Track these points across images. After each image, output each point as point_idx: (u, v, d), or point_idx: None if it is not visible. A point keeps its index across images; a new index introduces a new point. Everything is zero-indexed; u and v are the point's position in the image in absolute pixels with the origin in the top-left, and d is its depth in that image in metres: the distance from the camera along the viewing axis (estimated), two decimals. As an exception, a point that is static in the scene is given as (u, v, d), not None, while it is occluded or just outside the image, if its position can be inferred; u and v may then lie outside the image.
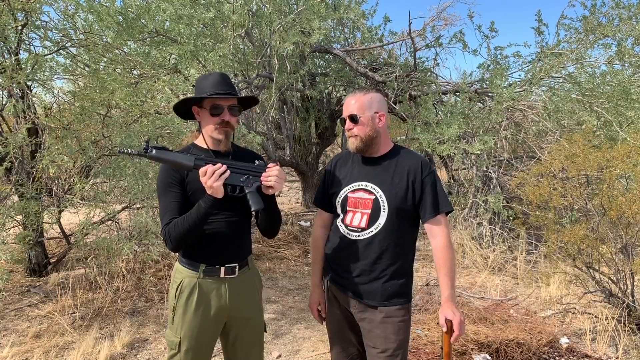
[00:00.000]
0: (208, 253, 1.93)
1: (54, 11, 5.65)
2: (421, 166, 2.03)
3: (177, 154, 1.77)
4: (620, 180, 4.25)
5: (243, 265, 2.02)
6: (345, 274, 2.06)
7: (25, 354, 3.30)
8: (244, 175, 1.84)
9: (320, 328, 3.85)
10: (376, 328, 2.01)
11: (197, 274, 1.94)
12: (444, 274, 1.98)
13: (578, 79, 5.82)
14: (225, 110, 1.91)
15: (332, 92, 8.01)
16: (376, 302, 2.01)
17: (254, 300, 2.08)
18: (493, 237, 5.60)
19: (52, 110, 4.41)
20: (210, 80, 1.93)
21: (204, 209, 1.78)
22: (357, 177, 2.08)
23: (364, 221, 2.01)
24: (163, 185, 1.89)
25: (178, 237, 1.81)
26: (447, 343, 1.92)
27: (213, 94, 1.90)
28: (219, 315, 1.98)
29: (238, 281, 2.00)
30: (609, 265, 3.76)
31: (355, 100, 2.02)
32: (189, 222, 1.80)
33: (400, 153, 2.09)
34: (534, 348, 3.38)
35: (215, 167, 1.74)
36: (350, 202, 2.06)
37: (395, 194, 1.99)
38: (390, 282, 2.00)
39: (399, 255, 2.02)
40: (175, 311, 1.97)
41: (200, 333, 1.95)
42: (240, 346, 2.07)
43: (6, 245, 3.96)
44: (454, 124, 5.35)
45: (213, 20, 4.62)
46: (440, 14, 7.19)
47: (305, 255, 5.84)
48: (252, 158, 2.07)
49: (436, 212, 2.00)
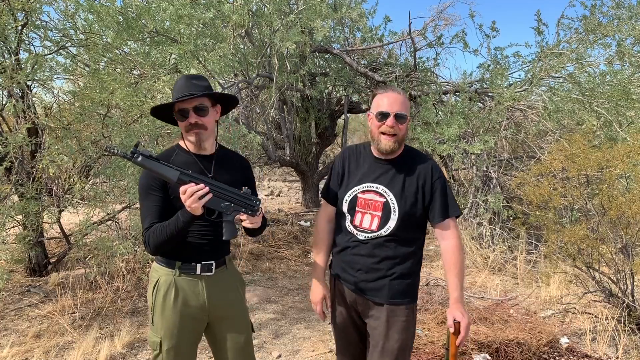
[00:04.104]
0: (184, 250, 1.92)
1: (54, 11, 5.65)
2: (432, 170, 2.03)
3: (162, 166, 1.72)
4: (620, 180, 4.25)
5: (220, 264, 2.01)
6: (353, 271, 2.05)
7: (25, 354, 3.30)
8: (227, 202, 1.78)
9: (320, 328, 3.85)
10: (380, 326, 2.01)
11: (174, 272, 1.93)
12: (453, 275, 1.99)
13: (578, 79, 5.81)
14: (191, 112, 1.87)
15: (332, 92, 8.01)
16: (383, 299, 2.01)
17: (234, 299, 2.06)
18: (493, 237, 5.59)
19: (52, 110, 4.41)
20: (177, 85, 1.92)
21: (182, 222, 1.77)
22: (368, 177, 2.05)
23: (375, 224, 2.00)
24: (144, 189, 1.88)
25: (157, 243, 1.82)
26: (454, 344, 1.92)
27: (176, 98, 1.87)
28: (198, 313, 1.96)
29: (215, 279, 1.99)
30: (609, 265, 3.76)
31: (403, 100, 1.96)
32: (167, 233, 1.79)
33: (411, 156, 2.07)
34: (534, 348, 3.38)
35: (196, 187, 1.69)
36: (360, 202, 2.04)
37: (406, 199, 1.98)
38: (398, 281, 2.00)
39: (407, 256, 2.02)
40: (154, 310, 1.96)
41: (180, 332, 1.94)
42: (226, 347, 2.05)
43: (6, 245, 3.96)
44: (454, 124, 5.35)
45: (213, 20, 4.62)
46: (440, 13, 7.20)
47: (305, 255, 5.84)
48: (237, 162, 2.06)
49: (445, 216, 2.00)
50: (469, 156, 6.13)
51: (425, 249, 6.14)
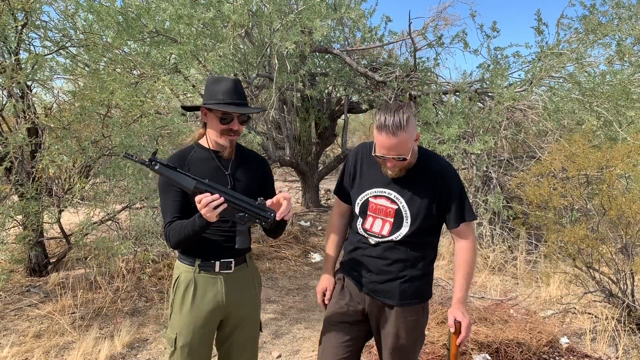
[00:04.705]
0: (204, 247, 1.95)
1: (54, 11, 5.65)
2: (447, 174, 1.96)
3: (179, 174, 1.74)
4: (620, 180, 4.25)
5: (240, 261, 2.02)
6: (363, 272, 2.03)
7: (25, 354, 3.30)
8: (241, 212, 1.78)
9: (320, 328, 3.85)
10: (389, 326, 2.01)
11: (194, 269, 1.96)
12: (461, 275, 1.98)
13: (578, 79, 5.81)
14: (235, 119, 1.91)
15: (332, 92, 8.01)
16: (394, 301, 1.99)
17: (251, 298, 2.07)
18: (493, 237, 5.59)
19: (52, 110, 4.41)
20: (223, 86, 1.90)
21: (198, 226, 1.79)
22: (381, 182, 1.99)
23: (386, 229, 1.97)
24: (164, 185, 1.91)
25: (176, 241, 1.86)
26: (455, 344, 1.93)
27: (227, 103, 1.87)
28: (215, 311, 1.98)
29: (234, 277, 2.00)
30: (609, 265, 3.76)
31: (398, 141, 1.78)
32: (184, 233, 1.82)
33: (425, 159, 1.99)
34: (534, 348, 3.38)
35: (211, 198, 1.69)
36: (371, 207, 2.00)
37: (419, 207, 1.94)
38: (408, 284, 1.99)
39: (419, 259, 2.00)
40: (173, 307, 1.99)
41: (196, 329, 1.95)
42: (231, 342, 2.07)
43: (6, 245, 3.96)
44: (454, 124, 5.35)
45: (213, 20, 4.62)
46: (440, 13, 7.19)
47: (305, 255, 5.84)
48: (254, 159, 2.07)
49: (462, 220, 1.97)
50: (469, 156, 6.13)
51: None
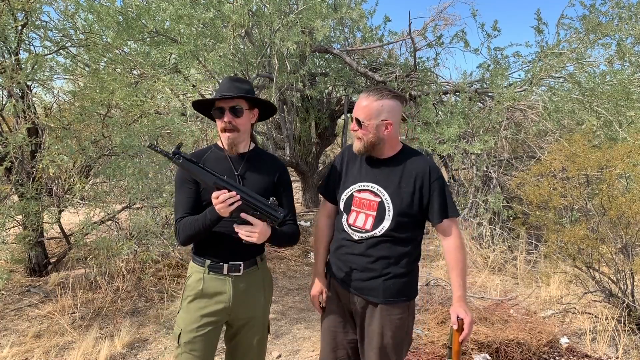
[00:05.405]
0: (214, 249, 1.98)
1: (54, 11, 5.65)
2: (429, 171, 2.01)
3: (200, 169, 1.81)
4: (620, 180, 4.25)
5: (250, 264, 2.03)
6: (348, 270, 2.06)
7: (25, 354, 3.30)
8: (255, 210, 1.83)
9: (320, 328, 3.85)
10: (375, 324, 2.02)
11: (204, 270, 1.99)
12: (456, 274, 2.00)
13: (578, 79, 5.81)
14: (227, 111, 1.92)
15: (332, 92, 8.01)
16: (378, 299, 2.01)
17: (258, 301, 2.07)
18: (493, 237, 5.59)
19: (52, 110, 4.41)
20: (220, 85, 1.98)
21: (209, 220, 1.84)
22: (364, 177, 2.06)
23: (369, 223, 2.00)
24: (180, 181, 1.98)
25: (186, 236, 1.91)
26: (457, 341, 1.94)
27: (216, 97, 1.94)
28: (220, 312, 1.99)
29: (243, 280, 2.01)
30: (609, 265, 3.76)
31: (366, 104, 1.97)
32: (195, 228, 1.87)
33: (408, 156, 2.06)
34: (534, 348, 3.38)
35: (228, 195, 1.76)
36: (355, 201, 2.05)
37: (401, 199, 1.98)
38: (392, 281, 2.00)
39: (402, 256, 2.02)
40: (181, 304, 2.04)
41: (200, 327, 1.97)
42: (238, 343, 2.08)
43: (6, 245, 3.96)
44: (454, 124, 5.35)
45: (213, 20, 4.62)
46: (440, 13, 7.20)
47: (305, 255, 5.84)
48: (270, 163, 2.07)
49: (444, 216, 2.00)
50: (469, 156, 6.13)
51: (425, 249, 6.16)
